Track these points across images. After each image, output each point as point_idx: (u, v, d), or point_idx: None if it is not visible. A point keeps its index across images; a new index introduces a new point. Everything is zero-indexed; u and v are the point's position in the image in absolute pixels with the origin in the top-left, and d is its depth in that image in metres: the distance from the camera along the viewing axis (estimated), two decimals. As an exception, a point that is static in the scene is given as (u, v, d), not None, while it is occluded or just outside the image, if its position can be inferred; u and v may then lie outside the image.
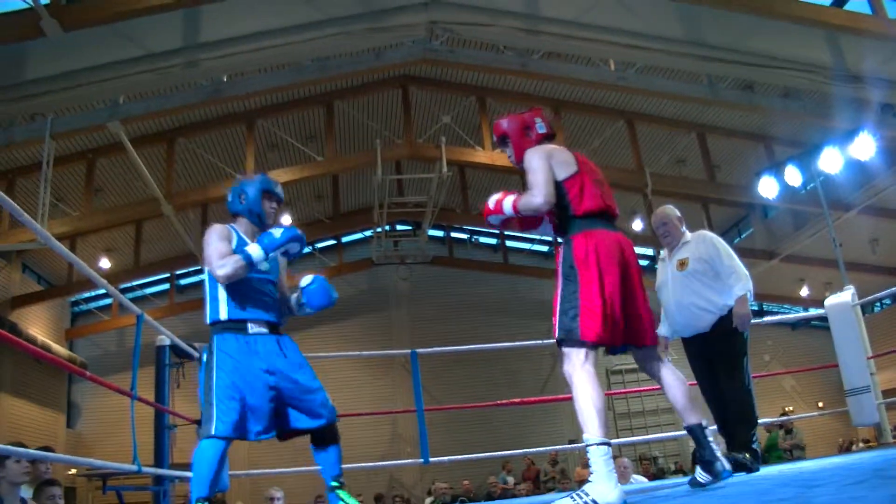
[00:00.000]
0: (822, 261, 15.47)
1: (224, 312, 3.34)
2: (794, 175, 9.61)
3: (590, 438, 2.65)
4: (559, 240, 3.11)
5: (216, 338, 3.31)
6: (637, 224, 15.56)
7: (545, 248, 19.02)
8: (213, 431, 3.08)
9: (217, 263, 3.29)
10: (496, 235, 18.54)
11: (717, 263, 4.45)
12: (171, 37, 8.86)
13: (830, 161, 9.32)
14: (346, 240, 18.18)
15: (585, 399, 2.72)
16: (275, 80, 10.90)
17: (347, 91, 13.20)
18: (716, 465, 3.00)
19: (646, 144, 13.95)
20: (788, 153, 11.33)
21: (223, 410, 3.11)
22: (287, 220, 15.20)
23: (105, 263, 14.33)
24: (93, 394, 16.14)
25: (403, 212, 15.24)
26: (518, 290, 17.90)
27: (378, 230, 15.57)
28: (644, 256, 18.68)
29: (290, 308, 3.68)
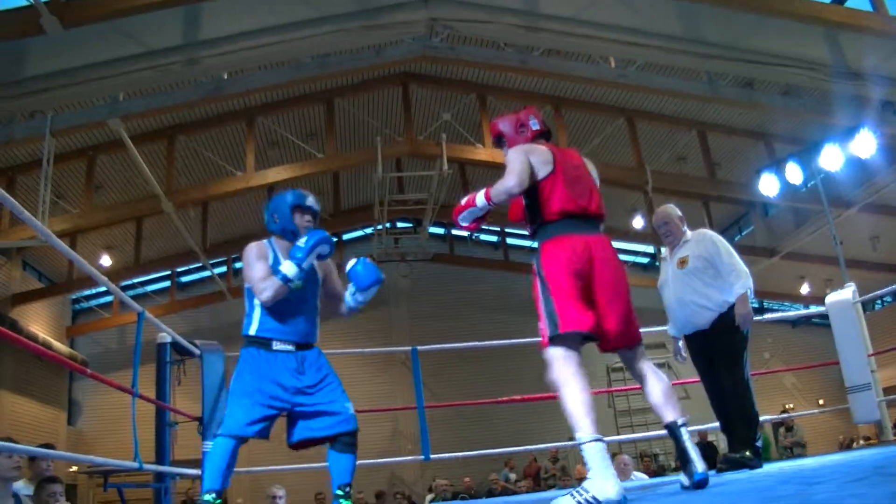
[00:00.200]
0: (823, 258, 15.46)
1: (254, 328, 3.45)
2: (795, 172, 9.60)
3: (582, 437, 2.66)
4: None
5: (242, 351, 3.46)
6: (638, 222, 15.55)
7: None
8: (221, 430, 3.29)
9: (259, 287, 3.37)
10: (497, 233, 18.53)
11: (718, 261, 4.46)
12: (171, 34, 8.86)
13: (831, 158, 9.30)
14: (347, 237, 18.19)
15: (573, 398, 2.72)
16: (275, 78, 10.89)
17: (348, 88, 13.19)
18: (689, 467, 2.88)
19: (646, 142, 13.93)
20: (789, 151, 11.32)
21: (233, 411, 3.30)
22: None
23: (106, 261, 14.33)
24: (94, 391, 16.16)
25: (404, 209, 15.24)
26: (518, 288, 17.82)
27: (379, 227, 15.56)
28: (644, 254, 18.71)
29: (346, 303, 3.76)
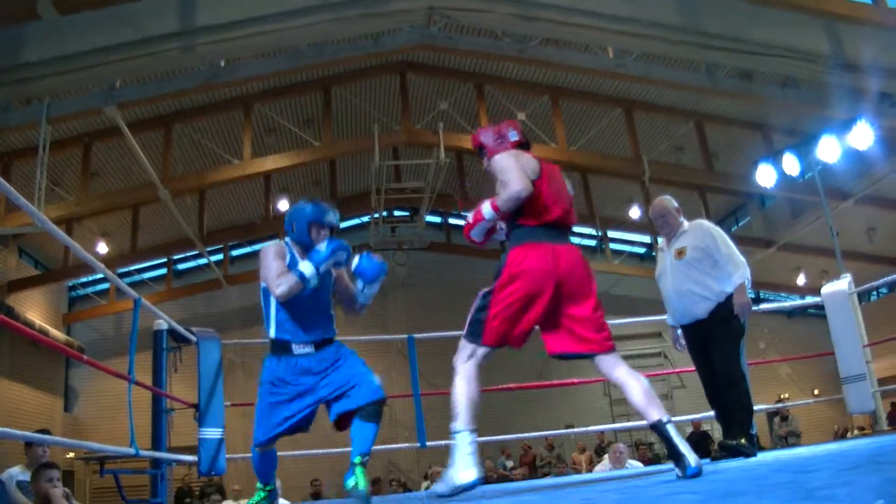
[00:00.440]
0: (819, 249, 15.49)
1: (273, 331, 3.59)
2: (792, 164, 9.60)
3: (457, 427, 2.94)
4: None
5: (265, 361, 3.63)
6: (634, 212, 15.56)
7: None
8: (255, 440, 3.65)
9: (275, 282, 3.47)
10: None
11: (715, 252, 4.47)
12: (168, 21, 8.82)
13: (828, 150, 9.31)
14: (344, 225, 18.17)
15: (461, 393, 3.00)
16: (272, 66, 10.87)
17: (345, 76, 13.15)
18: (682, 461, 2.88)
19: (644, 132, 13.93)
20: (786, 142, 11.32)
21: (261, 423, 3.62)
22: (285, 206, 15.20)
23: (102, 248, 14.33)
24: (90, 378, 16.16)
25: (401, 198, 15.22)
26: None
27: (375, 216, 15.55)
28: (641, 244, 18.72)
29: (356, 299, 3.87)
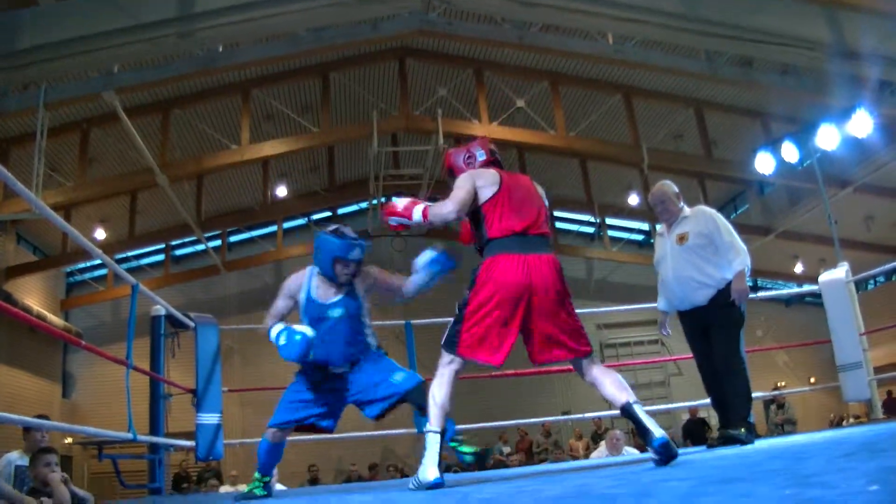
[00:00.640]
0: (817, 237, 15.50)
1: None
2: (791, 151, 9.59)
3: (429, 428, 3.16)
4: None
5: (296, 374, 3.81)
6: (633, 199, 15.55)
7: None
8: (270, 422, 3.72)
9: (266, 320, 3.77)
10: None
11: (717, 238, 4.47)
12: (165, 6, 8.76)
13: (827, 138, 9.29)
14: (342, 211, 18.14)
15: (437, 395, 3.19)
16: (270, 51, 10.82)
17: (343, 62, 13.10)
18: (648, 436, 2.90)
19: (643, 119, 13.90)
20: (785, 130, 11.31)
21: (281, 410, 3.73)
22: (283, 192, 15.18)
23: (100, 234, 14.32)
24: (88, 364, 16.17)
25: (399, 184, 15.19)
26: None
27: (374, 202, 15.53)
28: (639, 231, 18.71)
29: (400, 293, 4.06)
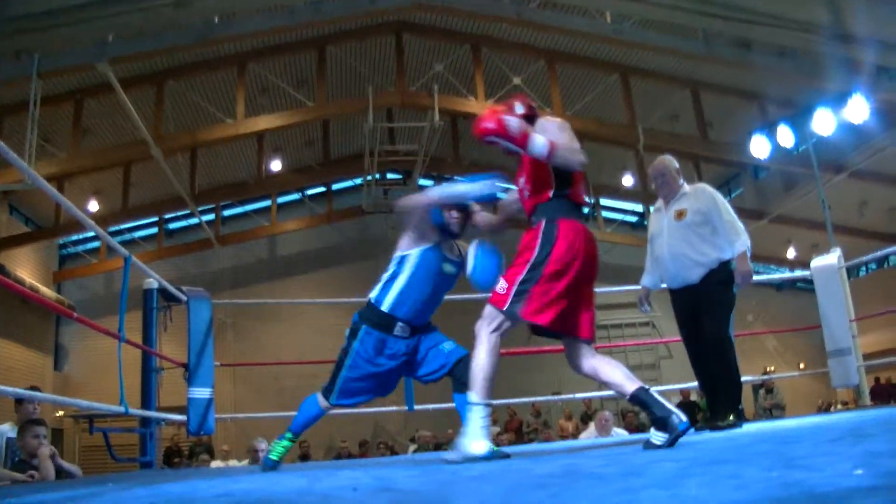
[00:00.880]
0: (810, 223, 15.53)
1: (387, 304, 3.49)
2: (787, 135, 9.58)
3: (474, 399, 2.98)
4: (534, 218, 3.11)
5: (364, 328, 3.52)
6: (627, 179, 15.54)
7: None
8: (330, 402, 3.58)
9: (424, 197, 3.48)
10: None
11: (716, 217, 4.45)
12: (162, -25, 8.71)
13: (823, 123, 9.28)
14: (336, 187, 18.11)
15: (483, 365, 3.00)
16: (267, 22, 10.75)
17: (340, 36, 13.03)
18: (671, 419, 2.76)
19: (639, 99, 13.86)
20: (782, 114, 11.29)
21: (343, 392, 3.56)
22: (277, 166, 15.11)
23: (93, 206, 14.25)
24: (80, 336, 16.17)
25: (394, 160, 15.16)
26: (505, 242, 17.88)
27: (368, 178, 15.49)
28: (633, 212, 18.73)
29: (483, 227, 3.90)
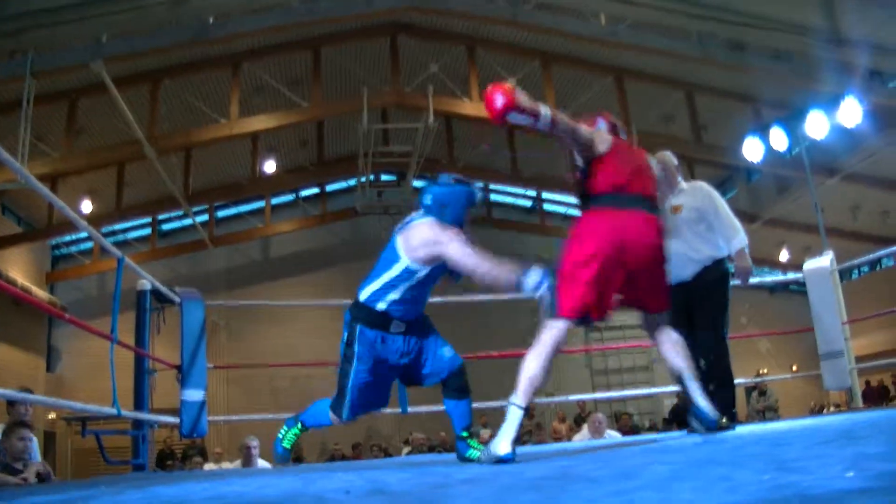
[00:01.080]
0: (803, 226, 15.57)
1: (382, 304, 3.44)
2: (780, 138, 9.61)
3: (514, 401, 3.04)
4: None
5: (359, 328, 3.48)
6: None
7: (528, 203, 19.03)
8: (343, 417, 3.58)
9: (481, 265, 3.28)
10: (480, 188, 18.48)
11: (712, 215, 4.45)
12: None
13: (816, 126, 9.31)
14: (330, 188, 18.11)
15: (532, 367, 3.08)
16: (261, 23, 10.73)
17: (335, 37, 13.01)
18: (701, 412, 3.12)
19: (634, 101, 13.86)
20: (776, 116, 11.32)
21: (355, 403, 3.54)
22: (272, 167, 15.08)
23: (87, 206, 14.20)
24: (73, 338, 16.09)
25: (388, 161, 15.14)
26: (500, 244, 17.83)
27: (362, 179, 15.47)
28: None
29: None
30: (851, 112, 9.22)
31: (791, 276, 10.18)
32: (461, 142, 15.97)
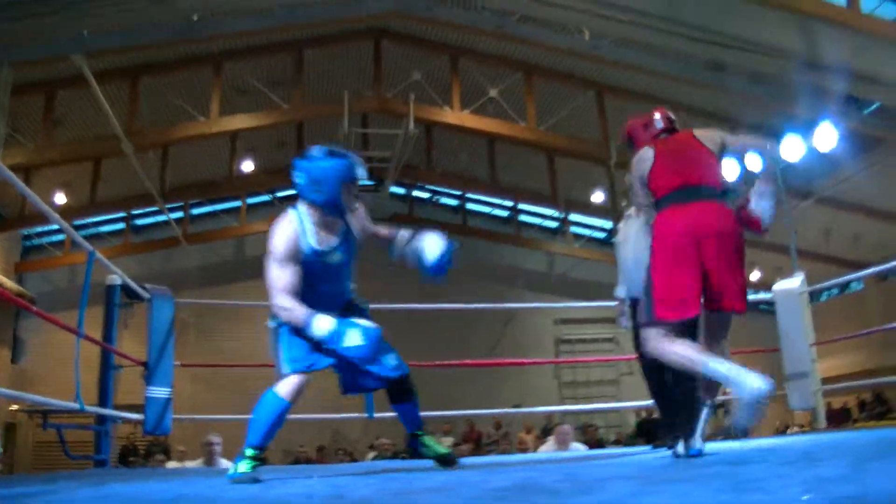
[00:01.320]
0: (775, 246, 15.69)
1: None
2: (755, 160, 9.70)
3: (706, 368, 2.96)
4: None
5: (284, 330, 3.20)
6: (598, 196, 15.65)
7: (504, 213, 19.06)
8: (290, 370, 3.12)
9: (280, 300, 3.05)
10: (458, 197, 18.53)
11: None
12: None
13: (792, 148, 9.42)
14: (308, 191, 18.04)
15: (681, 353, 3.05)
16: (246, 23, 10.69)
17: (319, 40, 12.99)
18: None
19: (613, 117, 13.93)
20: (752, 138, 11.43)
21: (294, 356, 3.15)
22: (249, 167, 15.02)
23: (60, 198, 14.05)
24: (40, 330, 15.85)
25: (367, 166, 15.11)
26: (475, 253, 17.93)
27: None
28: (601, 229, 18.83)
29: (393, 250, 3.54)
30: (827, 137, 9.33)
31: (761, 296, 10.27)
32: (440, 149, 15.98)
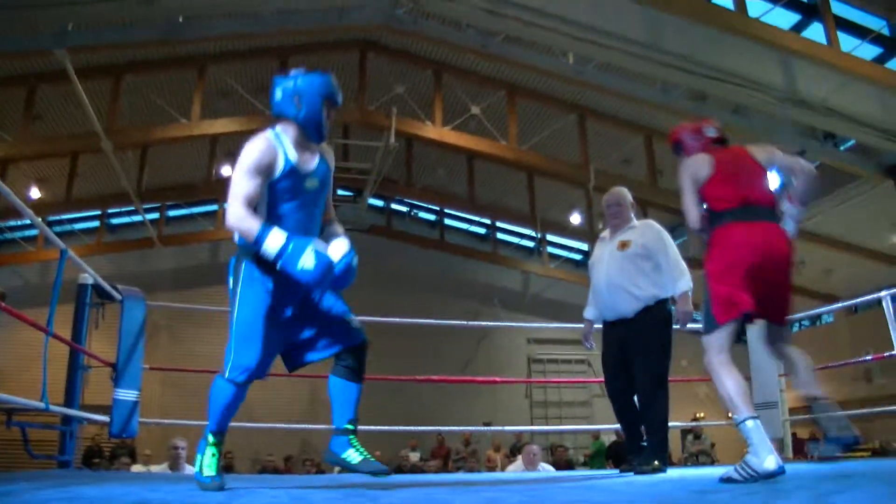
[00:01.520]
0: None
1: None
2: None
3: (738, 417, 2.91)
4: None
5: (245, 264, 2.96)
6: (575, 218, 15.73)
7: (482, 231, 19.11)
8: (227, 376, 2.94)
9: (235, 207, 2.74)
10: (436, 212, 18.56)
11: (661, 255, 4.50)
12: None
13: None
14: (287, 198, 17.98)
15: (730, 385, 3.03)
16: (232, 27, 10.69)
17: (304, 48, 13.01)
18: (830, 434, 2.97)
19: (594, 141, 14.06)
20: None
21: (246, 349, 2.93)
22: (228, 171, 14.94)
23: (35, 193, 13.92)
24: (8, 326, 15.61)
25: (346, 177, 15.10)
26: (451, 269, 17.95)
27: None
28: (578, 250, 18.93)
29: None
30: (803, 171, 9.46)
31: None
32: (420, 164, 16.01)
